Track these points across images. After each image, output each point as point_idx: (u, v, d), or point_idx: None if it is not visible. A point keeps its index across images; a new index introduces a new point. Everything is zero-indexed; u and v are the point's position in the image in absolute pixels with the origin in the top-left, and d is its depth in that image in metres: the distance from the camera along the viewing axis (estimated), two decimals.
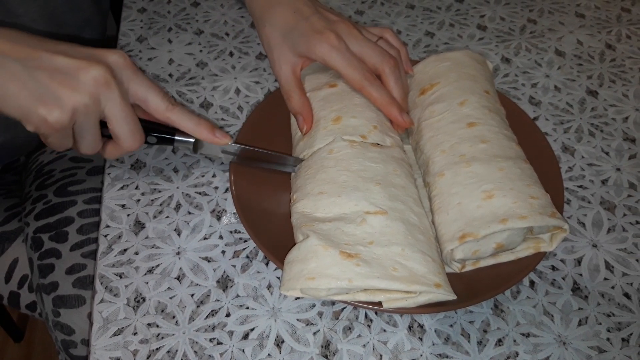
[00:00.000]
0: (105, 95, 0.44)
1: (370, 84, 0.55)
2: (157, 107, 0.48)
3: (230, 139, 0.52)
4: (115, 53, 0.46)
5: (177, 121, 0.49)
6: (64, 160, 0.80)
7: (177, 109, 0.49)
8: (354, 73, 0.55)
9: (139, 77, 0.47)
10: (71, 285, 0.68)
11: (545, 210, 0.49)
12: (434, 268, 0.47)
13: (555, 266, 0.54)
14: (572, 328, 0.50)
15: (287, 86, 0.59)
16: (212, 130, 0.50)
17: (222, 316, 0.50)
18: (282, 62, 0.59)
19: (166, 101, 0.48)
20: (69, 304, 0.68)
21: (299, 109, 0.59)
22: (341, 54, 0.55)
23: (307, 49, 0.56)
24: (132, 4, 0.87)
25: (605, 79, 0.75)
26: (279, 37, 0.59)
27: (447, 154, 0.54)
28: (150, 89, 0.47)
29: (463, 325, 0.50)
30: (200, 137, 0.50)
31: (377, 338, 0.49)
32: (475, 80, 0.61)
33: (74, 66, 0.43)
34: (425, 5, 0.88)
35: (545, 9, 0.88)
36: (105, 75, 0.43)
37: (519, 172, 0.52)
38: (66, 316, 0.68)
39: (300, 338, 0.49)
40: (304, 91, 0.60)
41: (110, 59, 0.45)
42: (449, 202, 0.51)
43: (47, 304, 0.69)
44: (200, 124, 0.50)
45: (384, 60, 0.56)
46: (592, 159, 0.65)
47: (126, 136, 0.46)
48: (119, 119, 0.45)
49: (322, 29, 0.56)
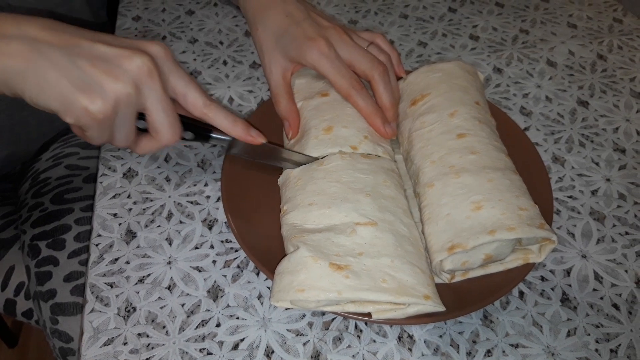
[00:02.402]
0: (148, 86, 0.43)
1: (357, 92, 0.56)
2: (196, 102, 0.47)
3: (265, 139, 0.52)
4: (157, 44, 0.45)
5: (214, 118, 0.49)
6: (60, 168, 0.80)
7: (215, 106, 0.48)
8: (342, 81, 0.56)
9: (179, 70, 0.46)
10: (69, 293, 0.68)
11: (534, 222, 0.49)
12: (423, 279, 0.47)
13: (544, 277, 0.55)
14: (560, 339, 0.50)
15: (276, 90, 0.61)
16: (247, 130, 0.51)
17: (212, 326, 0.50)
18: (272, 67, 0.60)
19: (205, 97, 0.48)
20: (67, 311, 0.68)
21: (285, 114, 0.60)
22: (330, 61, 0.56)
23: (298, 54, 0.57)
24: (127, 12, 0.88)
25: (596, 90, 0.76)
26: (271, 41, 0.60)
27: (437, 164, 0.55)
28: (189, 84, 0.47)
29: (452, 336, 0.50)
30: (236, 136, 0.50)
31: (366, 349, 0.49)
32: (466, 92, 0.61)
33: (117, 54, 0.42)
34: (419, 15, 0.89)
35: (538, 20, 0.89)
36: (148, 64, 0.42)
37: (508, 183, 0.52)
38: (64, 324, 0.68)
39: (290, 348, 0.49)
40: (292, 96, 0.61)
41: (152, 49, 0.44)
42: (439, 213, 0.51)
43: (45, 312, 0.69)
44: (236, 122, 0.50)
45: (373, 67, 0.57)
46: (582, 169, 0.65)
47: (165, 129, 0.45)
48: (160, 111, 0.44)
49: (313, 34, 0.57)
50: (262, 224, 0.54)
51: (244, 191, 0.57)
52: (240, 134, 0.50)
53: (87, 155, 0.82)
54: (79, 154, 0.82)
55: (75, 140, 0.85)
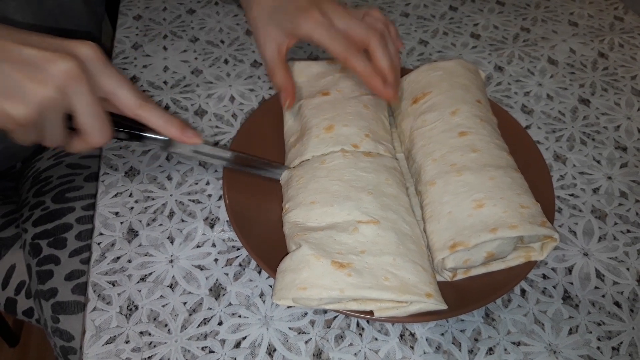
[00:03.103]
0: (75, 90, 0.42)
1: (354, 55, 0.55)
2: (128, 103, 0.46)
3: (200, 139, 0.51)
4: (86, 45, 0.44)
5: (147, 118, 0.47)
6: (61, 166, 0.80)
7: (148, 106, 0.47)
8: (338, 46, 0.55)
9: (109, 70, 0.45)
10: (70, 292, 0.68)
11: (535, 220, 0.49)
12: (425, 278, 0.47)
13: (546, 275, 0.55)
14: (562, 337, 0.50)
15: (272, 63, 0.59)
16: (182, 129, 0.49)
17: (214, 324, 0.50)
18: (267, 40, 0.59)
19: (137, 97, 0.46)
20: (68, 310, 0.68)
21: (281, 83, 0.59)
22: (325, 28, 0.55)
23: (293, 26, 0.57)
24: (128, 11, 0.88)
25: (597, 88, 0.76)
26: (265, 17, 0.59)
27: (439, 162, 0.55)
28: (120, 84, 0.46)
29: (454, 334, 0.50)
30: (170, 136, 0.49)
31: (368, 347, 0.49)
32: (467, 90, 0.61)
33: (43, 58, 0.41)
34: (420, 13, 0.89)
35: (539, 18, 0.89)
36: (74, 68, 0.41)
37: (509, 181, 0.52)
38: (66, 322, 0.68)
39: (292, 347, 0.49)
40: (287, 68, 0.60)
41: (80, 50, 0.43)
42: (440, 211, 0.51)
43: (46, 310, 0.69)
44: (170, 122, 0.48)
45: (369, 33, 0.56)
46: (583, 167, 0.65)
47: (93, 131, 0.45)
48: (87, 114, 0.43)
49: (307, 6, 0.56)
50: (264, 222, 0.54)
51: (246, 189, 0.57)
52: (175, 134, 0.49)
53: (89, 154, 0.82)
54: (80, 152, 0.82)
55: None
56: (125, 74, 0.76)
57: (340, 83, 0.62)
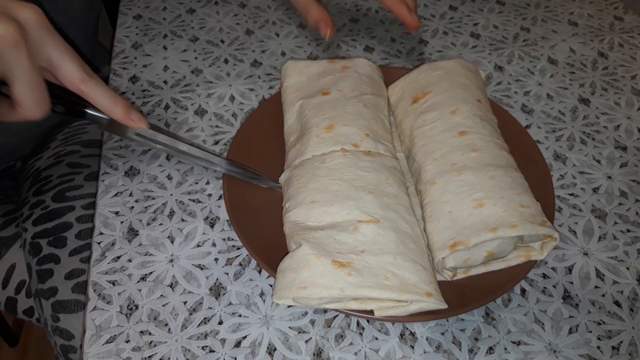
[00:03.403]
0: (12, 56, 0.39)
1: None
2: (71, 77, 0.43)
3: (146, 123, 0.48)
4: (30, 7, 0.40)
5: (91, 96, 0.44)
6: (62, 165, 0.80)
7: (93, 83, 0.44)
8: None
9: (54, 38, 0.41)
10: (70, 291, 0.69)
11: (536, 219, 0.49)
12: (425, 277, 0.47)
13: (546, 274, 0.55)
14: (562, 336, 0.50)
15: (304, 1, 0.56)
16: (127, 111, 0.46)
17: (214, 324, 0.50)
18: None
19: (82, 71, 0.43)
20: (68, 309, 0.68)
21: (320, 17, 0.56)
22: None
23: None
24: (128, 11, 0.88)
25: (597, 87, 0.76)
26: None
27: (439, 162, 0.55)
28: (65, 55, 0.42)
29: (454, 333, 0.50)
30: (115, 117, 0.46)
31: (369, 346, 0.49)
32: (468, 89, 0.61)
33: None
34: (420, 13, 0.89)
35: (539, 17, 0.89)
36: (13, 33, 0.38)
37: (509, 180, 0.52)
38: (66, 321, 0.68)
39: (293, 346, 0.49)
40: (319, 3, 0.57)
41: (22, 14, 0.39)
42: (440, 211, 0.51)
43: (46, 309, 0.69)
44: (116, 102, 0.45)
45: None
46: (583, 167, 0.65)
47: (29, 104, 0.41)
48: (23, 83, 0.40)
49: None
50: (264, 221, 0.54)
51: (246, 189, 0.57)
52: (120, 116, 0.46)
53: (89, 153, 0.82)
54: (80, 152, 0.82)
55: (76, 139, 0.85)
56: (125, 73, 0.76)
57: (341, 83, 0.62)
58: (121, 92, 0.73)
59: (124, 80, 0.75)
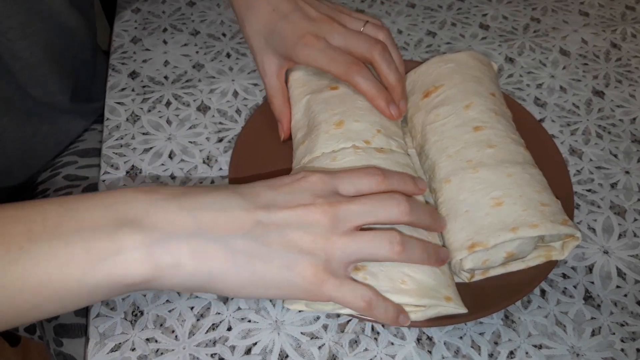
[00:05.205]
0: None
1: (356, 73, 0.53)
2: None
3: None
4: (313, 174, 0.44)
5: None
6: (58, 178, 0.76)
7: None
8: (338, 67, 0.54)
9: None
10: (73, 314, 0.66)
11: (557, 218, 0.47)
12: (443, 280, 0.45)
13: (566, 274, 0.53)
14: (585, 338, 0.49)
15: (271, 91, 0.60)
16: None
17: (223, 330, 0.48)
18: (265, 66, 0.59)
19: None
20: (71, 333, 0.65)
21: (278, 115, 0.60)
22: (322, 53, 0.54)
23: (289, 54, 0.56)
24: (126, 4, 0.85)
25: (611, 79, 0.74)
26: (261, 40, 0.59)
27: (454, 159, 0.53)
28: None
29: (473, 337, 0.48)
30: None
31: (384, 352, 0.47)
32: (481, 82, 0.59)
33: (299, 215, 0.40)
34: (426, 4, 0.86)
35: (549, 8, 0.86)
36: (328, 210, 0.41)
37: (528, 177, 0.50)
38: (69, 346, 0.65)
39: (305, 352, 0.47)
40: (286, 96, 0.61)
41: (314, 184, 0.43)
42: (457, 210, 0.49)
43: (48, 332, 0.66)
44: None
45: (370, 47, 0.54)
46: (600, 161, 0.63)
47: None
48: None
49: (301, 31, 0.55)
50: None
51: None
52: None
53: (86, 164, 0.78)
54: (77, 162, 0.78)
55: (72, 148, 0.80)
56: (124, 69, 0.74)
57: None
58: (121, 88, 0.71)
59: (124, 76, 0.72)
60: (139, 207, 0.38)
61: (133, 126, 0.66)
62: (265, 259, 0.39)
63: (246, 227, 0.39)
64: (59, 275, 0.35)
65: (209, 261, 0.38)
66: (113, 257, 0.36)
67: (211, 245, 0.38)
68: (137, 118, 0.67)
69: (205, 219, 0.39)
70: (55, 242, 0.35)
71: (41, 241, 0.35)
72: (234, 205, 0.40)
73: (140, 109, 0.68)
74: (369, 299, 0.41)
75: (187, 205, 0.39)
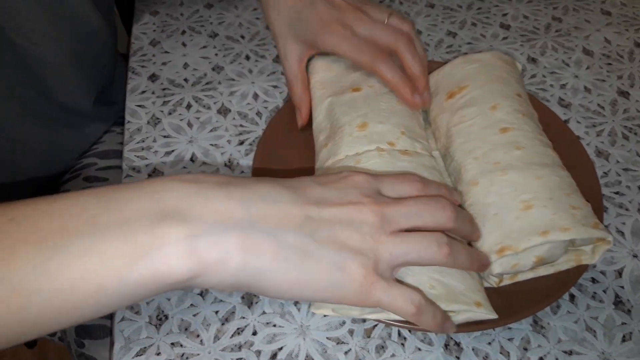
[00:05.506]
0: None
1: (381, 63, 0.53)
2: None
3: None
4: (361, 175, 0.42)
5: None
6: (78, 180, 0.76)
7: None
8: (364, 56, 0.54)
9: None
10: None
11: (588, 221, 0.47)
12: (473, 285, 0.44)
13: (595, 278, 0.52)
14: (616, 345, 0.48)
15: (291, 77, 0.60)
16: None
17: (248, 334, 0.48)
18: (287, 52, 0.59)
19: None
20: (93, 334, 0.65)
21: (297, 101, 0.60)
22: (348, 41, 0.54)
23: (314, 40, 0.56)
24: (145, 7, 0.85)
25: (636, 79, 0.72)
26: (284, 25, 0.58)
27: (481, 161, 0.52)
28: None
29: (502, 343, 0.47)
30: None
31: (411, 357, 0.47)
32: (506, 83, 0.58)
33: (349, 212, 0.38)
34: (445, 4, 0.86)
35: (570, 7, 0.85)
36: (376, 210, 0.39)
37: (557, 180, 0.50)
38: (91, 348, 0.65)
39: (331, 357, 0.47)
40: (306, 84, 0.61)
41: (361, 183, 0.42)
42: (485, 213, 0.49)
43: (70, 333, 0.66)
44: None
45: (396, 38, 0.54)
46: (627, 163, 0.62)
47: None
48: None
49: (328, 18, 0.55)
50: None
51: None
52: None
53: (106, 165, 0.78)
54: (97, 164, 0.78)
55: (92, 150, 0.81)
56: (144, 71, 0.74)
57: (372, 78, 0.59)
58: (141, 91, 0.71)
59: (143, 79, 0.72)
60: (183, 196, 0.34)
61: (154, 129, 0.66)
62: (316, 257, 0.36)
63: (297, 222, 0.36)
64: (97, 272, 0.32)
65: (259, 255, 0.35)
66: (155, 252, 0.32)
67: (263, 237, 0.35)
68: (157, 121, 0.67)
69: (256, 210, 0.36)
70: (92, 237, 0.32)
71: (77, 237, 0.32)
72: (285, 199, 0.37)
73: (160, 112, 0.68)
74: (419, 303, 0.39)
75: (237, 194, 0.36)
